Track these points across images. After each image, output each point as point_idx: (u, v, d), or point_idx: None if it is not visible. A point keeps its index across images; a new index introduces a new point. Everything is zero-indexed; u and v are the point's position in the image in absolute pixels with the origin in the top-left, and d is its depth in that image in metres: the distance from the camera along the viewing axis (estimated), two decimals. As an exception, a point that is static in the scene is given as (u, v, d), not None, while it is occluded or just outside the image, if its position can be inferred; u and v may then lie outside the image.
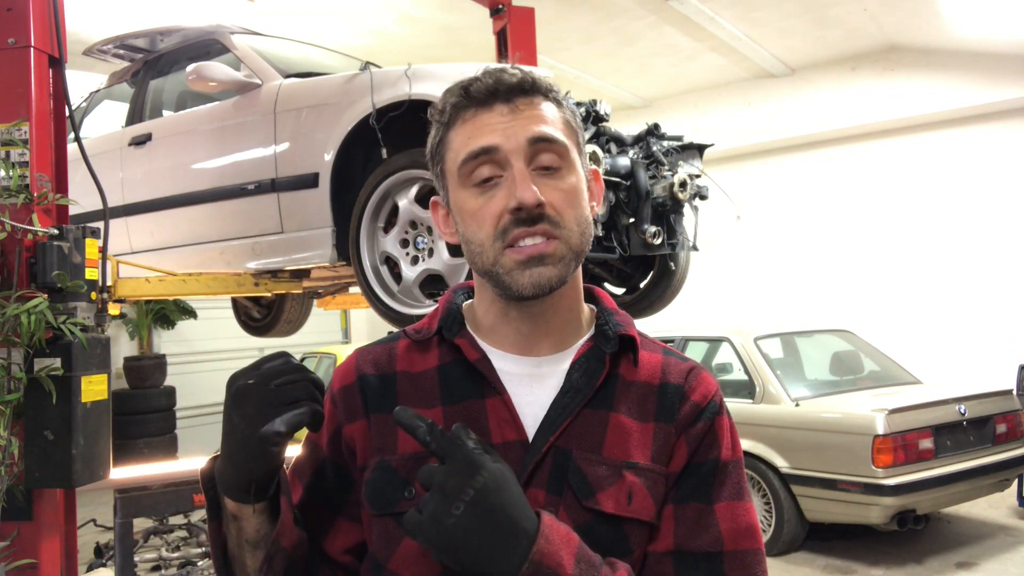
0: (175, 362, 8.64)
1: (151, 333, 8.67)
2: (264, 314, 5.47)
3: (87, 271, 2.71)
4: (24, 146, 2.68)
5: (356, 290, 3.60)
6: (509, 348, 0.93)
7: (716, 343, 5.85)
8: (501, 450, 0.86)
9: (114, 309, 3.92)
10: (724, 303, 8.34)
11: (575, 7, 6.57)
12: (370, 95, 3.06)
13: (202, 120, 3.86)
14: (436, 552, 0.74)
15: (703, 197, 3.47)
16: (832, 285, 8.05)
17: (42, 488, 2.57)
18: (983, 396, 5.00)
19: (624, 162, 3.22)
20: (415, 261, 3.09)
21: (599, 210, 0.96)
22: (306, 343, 8.67)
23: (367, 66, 3.40)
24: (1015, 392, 5.33)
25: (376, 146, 3.12)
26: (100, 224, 2.91)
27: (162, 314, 8.45)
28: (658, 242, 3.25)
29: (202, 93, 4.03)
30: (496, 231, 0.86)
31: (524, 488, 0.85)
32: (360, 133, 3.16)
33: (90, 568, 3.66)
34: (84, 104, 4.79)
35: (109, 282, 3.26)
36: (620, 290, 3.89)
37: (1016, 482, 5.40)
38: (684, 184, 3.28)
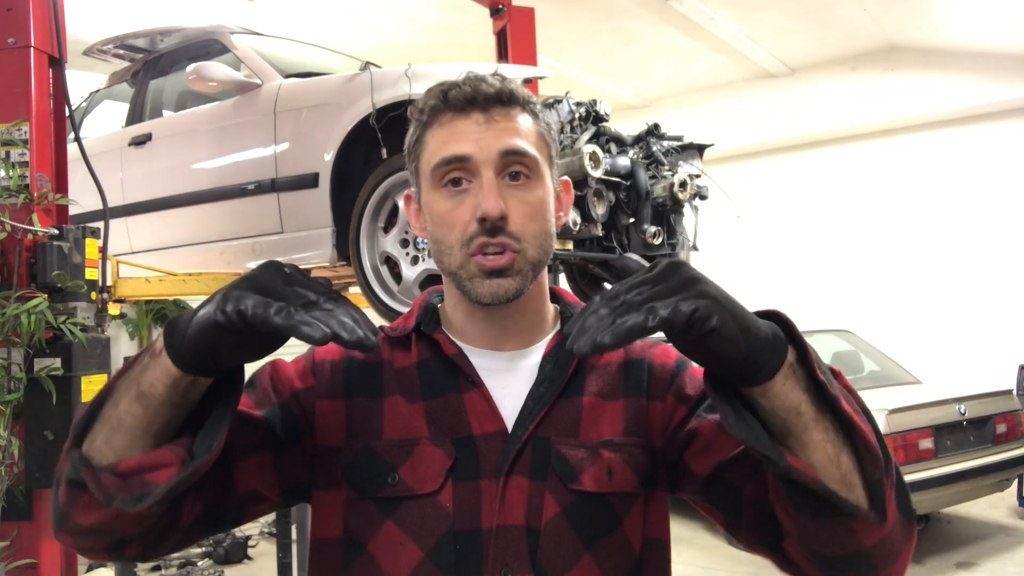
0: (175, 362, 8.62)
1: (151, 333, 8.66)
2: (264, 314, 5.46)
3: (87, 271, 2.72)
4: (24, 146, 2.68)
5: (356, 290, 3.59)
6: (480, 345, 0.96)
7: (716, 343, 5.83)
8: (482, 441, 0.89)
9: (114, 309, 3.92)
10: (724, 303, 8.33)
11: (575, 7, 6.56)
12: (370, 95, 3.06)
13: (202, 120, 3.86)
14: (717, 308, 0.67)
15: (703, 197, 3.48)
16: (832, 285, 8.04)
17: (42, 488, 2.57)
18: (983, 396, 4.99)
19: (624, 162, 3.22)
20: (415, 261, 3.09)
21: (565, 219, 0.99)
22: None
23: (367, 66, 3.40)
24: (1015, 392, 5.32)
25: (376, 146, 3.12)
26: (100, 224, 2.91)
27: (162, 314, 8.42)
28: (658, 242, 3.25)
29: (202, 93, 4.02)
30: (464, 237, 0.89)
31: (507, 476, 0.87)
32: (360, 133, 3.16)
33: (90, 568, 3.66)
34: (84, 104, 4.78)
35: (109, 282, 3.27)
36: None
37: (1016, 482, 5.40)
38: (684, 184, 3.29)
